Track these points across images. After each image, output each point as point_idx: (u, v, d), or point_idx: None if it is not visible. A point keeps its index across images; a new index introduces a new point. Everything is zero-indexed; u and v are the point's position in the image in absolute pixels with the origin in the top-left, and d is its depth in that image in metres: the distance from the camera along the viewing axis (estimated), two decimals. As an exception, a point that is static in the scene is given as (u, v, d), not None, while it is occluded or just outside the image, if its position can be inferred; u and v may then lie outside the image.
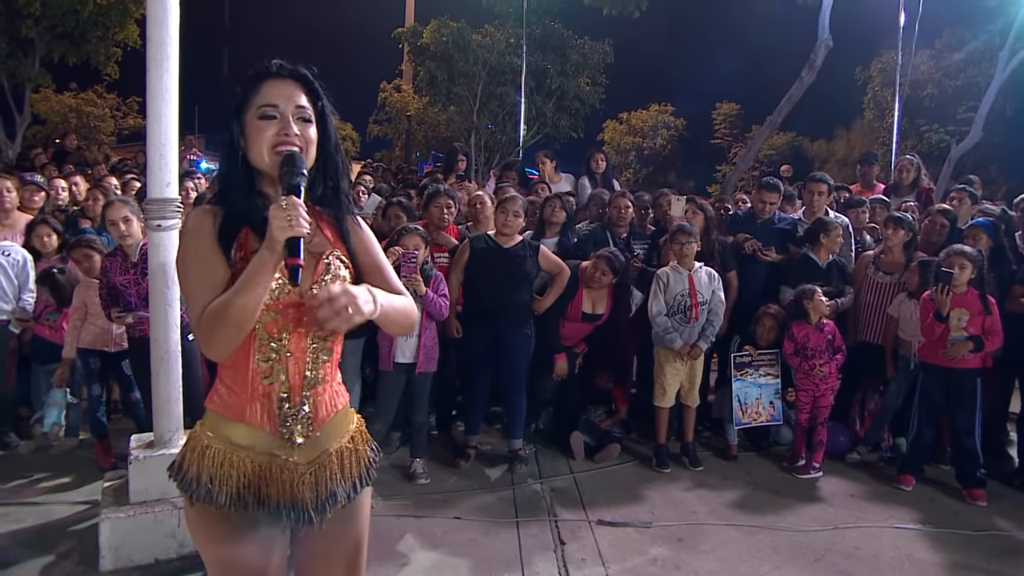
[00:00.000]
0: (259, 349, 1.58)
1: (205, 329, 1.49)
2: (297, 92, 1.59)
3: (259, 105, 1.56)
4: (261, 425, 1.61)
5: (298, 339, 1.61)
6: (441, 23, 13.96)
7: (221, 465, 1.58)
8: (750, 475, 4.60)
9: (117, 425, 4.71)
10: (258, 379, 1.60)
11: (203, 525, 1.62)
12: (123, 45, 14.17)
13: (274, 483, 1.60)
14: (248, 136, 1.57)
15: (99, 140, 17.68)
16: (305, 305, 1.54)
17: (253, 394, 1.60)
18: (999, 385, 4.85)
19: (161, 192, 3.39)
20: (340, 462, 1.69)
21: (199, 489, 1.58)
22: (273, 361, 1.60)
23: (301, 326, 1.60)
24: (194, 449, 1.62)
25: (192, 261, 1.54)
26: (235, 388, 1.61)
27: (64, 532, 3.57)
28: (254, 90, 1.58)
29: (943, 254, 4.37)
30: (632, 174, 25.41)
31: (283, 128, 1.55)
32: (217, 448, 1.60)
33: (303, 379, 1.63)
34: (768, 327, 4.84)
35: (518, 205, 4.52)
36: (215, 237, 1.54)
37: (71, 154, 10.90)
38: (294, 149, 1.54)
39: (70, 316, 4.30)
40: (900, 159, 7.11)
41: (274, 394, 1.61)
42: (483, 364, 4.53)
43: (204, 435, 1.63)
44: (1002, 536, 3.86)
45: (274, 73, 1.59)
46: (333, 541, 1.73)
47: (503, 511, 3.95)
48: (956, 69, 18.37)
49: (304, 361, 1.63)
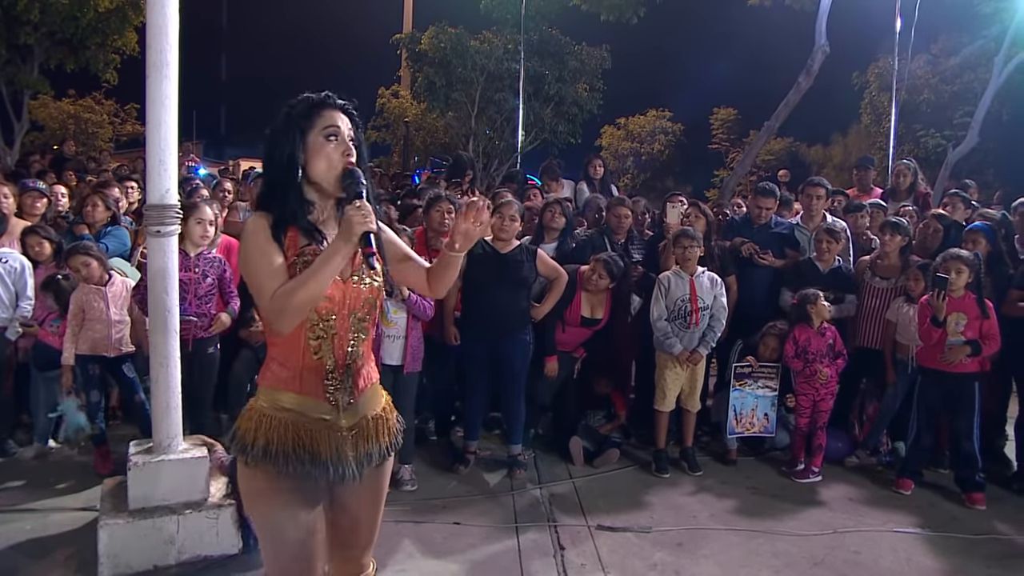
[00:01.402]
0: (310, 329, 1.88)
1: (277, 308, 1.78)
2: (347, 123, 1.92)
3: (324, 127, 1.87)
4: (312, 394, 1.90)
5: (342, 320, 1.91)
6: (439, 29, 13.99)
7: (277, 429, 1.86)
8: (749, 480, 4.60)
9: (116, 431, 4.71)
10: (309, 354, 1.89)
11: (257, 484, 1.89)
12: (122, 52, 14.18)
13: (323, 443, 1.89)
14: (311, 152, 1.87)
15: (97, 146, 17.66)
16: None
17: (305, 367, 1.89)
18: (997, 389, 4.86)
19: (161, 198, 3.40)
20: (375, 428, 2.01)
21: (255, 451, 1.85)
22: (322, 339, 1.89)
23: (344, 308, 1.91)
24: (251, 419, 1.90)
25: (257, 255, 1.83)
26: (288, 363, 1.90)
27: (62, 539, 3.56)
28: (317, 115, 1.88)
29: (940, 259, 4.38)
30: (630, 179, 25.40)
31: (346, 149, 1.88)
32: (273, 415, 1.88)
33: (345, 354, 1.93)
34: (771, 347, 4.84)
35: (514, 210, 4.52)
36: (270, 235, 1.84)
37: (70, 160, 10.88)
38: (354, 165, 1.87)
39: (68, 322, 4.29)
40: (897, 164, 7.14)
41: (323, 367, 1.90)
42: (482, 370, 4.52)
43: (259, 406, 1.91)
44: (1001, 540, 3.86)
45: (333, 104, 1.91)
46: (363, 494, 2.03)
47: (503, 517, 3.95)
48: (952, 74, 18.41)
49: (347, 339, 1.93)
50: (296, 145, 1.86)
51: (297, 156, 1.86)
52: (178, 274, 4.07)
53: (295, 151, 1.86)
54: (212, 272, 4.38)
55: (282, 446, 1.85)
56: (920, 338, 4.38)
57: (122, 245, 5.28)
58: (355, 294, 1.92)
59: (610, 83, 14.91)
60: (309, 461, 1.86)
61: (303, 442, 1.87)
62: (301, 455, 1.86)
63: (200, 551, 3.36)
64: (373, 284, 1.95)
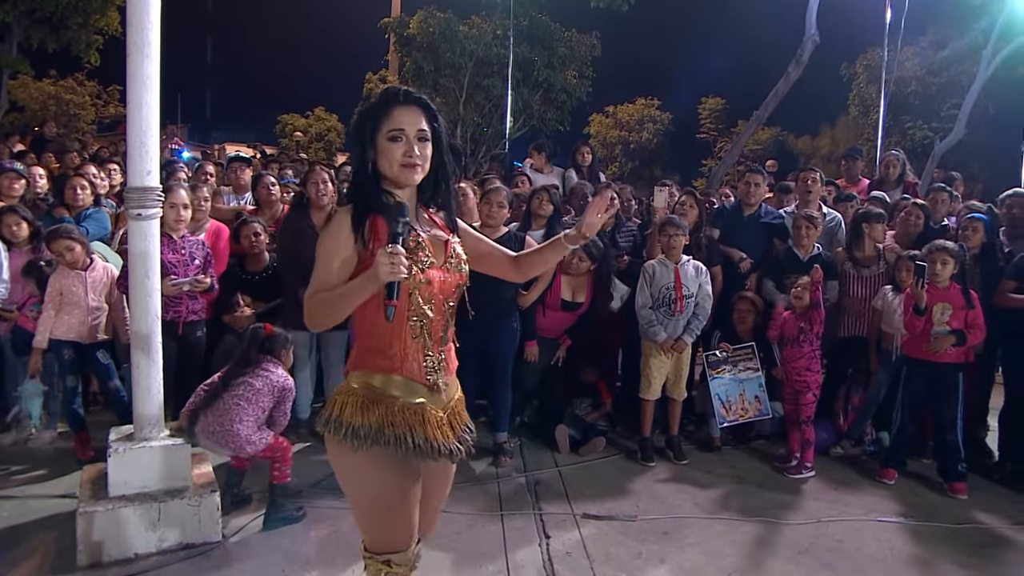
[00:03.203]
0: (413, 312, 1.97)
1: (311, 307, 1.91)
2: (418, 116, 1.97)
3: (389, 128, 1.95)
4: (413, 374, 2.00)
5: (437, 306, 2.02)
6: (428, 13, 13.83)
7: (383, 412, 1.96)
8: (734, 469, 4.61)
9: (95, 417, 4.65)
10: (410, 338, 1.99)
11: (359, 464, 1.96)
12: (104, 32, 13.95)
13: (430, 426, 2.01)
14: (380, 152, 1.97)
15: (80, 128, 17.40)
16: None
17: (406, 349, 1.99)
18: (980, 380, 4.89)
19: (141, 180, 3.33)
20: (461, 411, 2.16)
21: (362, 436, 1.93)
22: (423, 323, 1.99)
23: (441, 293, 2.01)
24: (348, 402, 1.98)
25: (323, 252, 1.94)
26: (391, 349, 1.98)
27: (41, 526, 3.51)
28: (385, 115, 1.95)
29: (925, 250, 4.40)
30: (618, 167, 25.42)
31: (408, 150, 1.95)
32: (375, 398, 1.97)
33: (439, 338, 2.04)
34: (744, 310, 4.86)
35: (502, 196, 4.49)
36: (351, 229, 1.93)
37: (51, 142, 10.69)
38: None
39: (44, 305, 4.20)
40: (886, 155, 7.18)
41: (422, 349, 2.01)
42: (468, 357, 4.47)
43: (359, 393, 1.99)
44: (982, 529, 3.89)
45: (402, 100, 1.96)
46: (439, 478, 2.19)
47: (488, 504, 3.93)
48: (940, 67, 18.49)
49: (441, 324, 2.04)
50: (366, 144, 1.98)
51: (367, 154, 1.98)
52: (167, 256, 4.06)
53: (364, 150, 1.98)
54: (199, 254, 4.32)
55: (390, 431, 1.94)
56: (905, 328, 4.40)
57: (103, 229, 5.19)
58: (449, 280, 2.03)
59: (599, 71, 14.82)
60: (421, 441, 1.97)
61: (411, 426, 1.97)
62: (408, 440, 1.95)
63: (182, 538, 3.31)
64: (463, 271, 2.07)
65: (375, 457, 1.95)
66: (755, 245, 5.22)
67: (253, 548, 3.37)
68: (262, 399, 3.52)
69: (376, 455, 1.95)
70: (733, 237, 5.30)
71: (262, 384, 3.54)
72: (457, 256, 2.07)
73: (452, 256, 2.06)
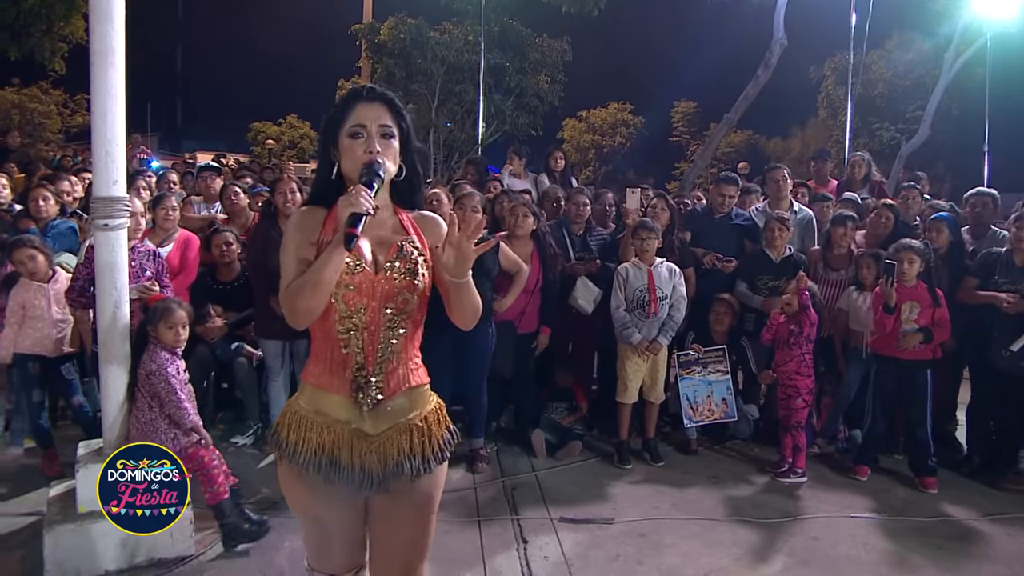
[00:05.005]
0: (339, 320, 1.82)
1: (288, 298, 1.78)
2: (382, 112, 1.87)
3: (351, 125, 1.85)
4: (339, 391, 1.84)
5: (372, 313, 1.82)
6: (399, 20, 13.85)
7: (304, 429, 1.85)
8: (710, 469, 4.64)
9: (64, 432, 4.55)
10: (338, 348, 1.83)
11: (288, 481, 1.90)
12: (69, 40, 13.69)
13: (346, 449, 1.83)
14: (343, 151, 1.86)
15: (45, 138, 17.09)
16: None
17: (334, 362, 1.84)
18: (948, 376, 4.98)
19: (108, 191, 3.28)
20: (410, 437, 1.88)
21: (287, 449, 1.85)
22: (351, 332, 1.82)
23: (375, 300, 1.82)
24: (286, 414, 1.90)
25: (286, 247, 1.85)
26: (322, 357, 1.86)
27: (7, 545, 3.42)
28: (348, 112, 1.86)
29: (892, 248, 4.48)
30: (592, 172, 25.55)
31: (368, 146, 1.83)
32: (304, 414, 1.87)
33: (376, 350, 1.84)
34: (721, 312, 4.91)
35: (476, 201, 4.48)
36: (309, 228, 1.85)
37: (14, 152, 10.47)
38: (375, 157, 1.82)
39: (7, 319, 4.10)
40: (852, 156, 7.32)
41: (351, 362, 1.83)
42: (444, 363, 4.47)
43: (297, 403, 1.90)
44: (951, 522, 3.97)
45: (365, 97, 1.88)
46: (403, 508, 1.93)
47: (465, 510, 3.92)
48: (905, 69, 18.90)
49: (378, 334, 1.83)
50: (329, 144, 1.90)
51: (331, 155, 1.90)
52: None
53: (327, 150, 1.91)
54: (150, 266, 4.21)
55: (305, 448, 1.83)
56: (875, 326, 4.46)
57: (70, 241, 5.09)
58: (387, 286, 1.82)
59: (571, 75, 14.95)
60: (328, 464, 1.82)
61: (326, 447, 1.83)
62: (321, 461, 1.82)
63: (153, 553, 3.25)
64: (408, 278, 1.84)
65: (294, 473, 1.86)
66: (726, 247, 5.24)
67: (226, 563, 3.32)
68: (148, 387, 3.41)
69: (295, 471, 1.86)
70: (704, 239, 5.34)
71: (146, 371, 3.42)
72: (406, 260, 1.85)
73: (397, 259, 1.84)
